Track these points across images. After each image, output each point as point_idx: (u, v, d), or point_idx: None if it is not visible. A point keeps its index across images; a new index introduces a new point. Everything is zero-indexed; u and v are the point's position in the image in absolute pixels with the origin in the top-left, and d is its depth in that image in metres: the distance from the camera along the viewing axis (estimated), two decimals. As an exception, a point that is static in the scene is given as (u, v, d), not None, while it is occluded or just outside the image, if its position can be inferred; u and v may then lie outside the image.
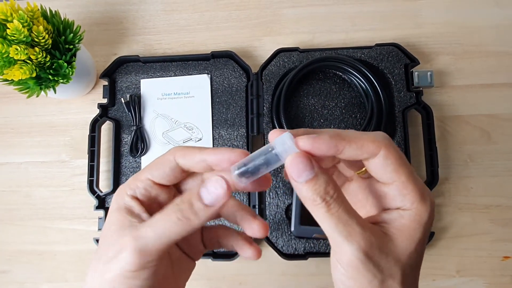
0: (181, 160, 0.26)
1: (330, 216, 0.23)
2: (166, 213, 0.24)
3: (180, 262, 0.30)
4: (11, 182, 0.61)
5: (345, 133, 0.24)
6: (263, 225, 0.28)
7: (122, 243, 0.24)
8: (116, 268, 0.24)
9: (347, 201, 0.24)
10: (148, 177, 0.27)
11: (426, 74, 0.56)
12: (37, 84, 0.52)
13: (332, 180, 0.23)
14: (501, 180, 0.56)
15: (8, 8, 0.47)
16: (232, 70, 0.59)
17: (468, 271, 0.54)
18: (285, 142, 0.24)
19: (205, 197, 0.24)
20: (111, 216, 0.26)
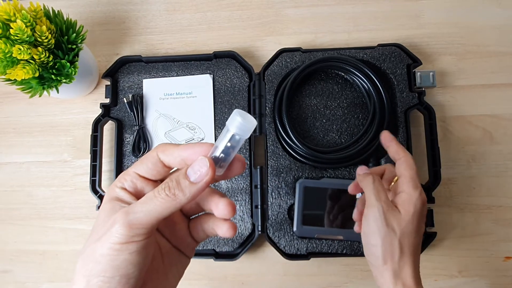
0: (162, 155, 0.28)
1: (374, 187, 0.40)
2: (156, 191, 0.26)
3: (171, 255, 0.31)
4: (13, 181, 0.61)
5: (390, 138, 0.44)
6: (228, 203, 0.29)
7: (113, 220, 0.26)
8: (107, 242, 0.26)
9: (383, 185, 0.41)
10: (134, 171, 0.29)
11: (429, 75, 0.56)
12: (40, 83, 0.52)
13: (378, 178, 0.41)
14: (504, 181, 0.56)
15: (12, 8, 0.47)
16: (234, 70, 0.59)
17: (470, 271, 0.54)
18: (235, 119, 0.26)
19: (191, 175, 0.26)
20: (103, 206, 0.28)
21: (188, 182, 0.26)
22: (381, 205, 0.38)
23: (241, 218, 0.55)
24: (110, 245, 0.26)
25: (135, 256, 0.26)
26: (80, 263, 0.27)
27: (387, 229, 0.38)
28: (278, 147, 0.56)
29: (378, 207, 0.38)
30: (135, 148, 0.58)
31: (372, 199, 0.39)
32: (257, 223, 0.54)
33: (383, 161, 0.54)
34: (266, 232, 0.54)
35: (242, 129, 0.26)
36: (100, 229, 0.27)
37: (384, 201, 0.39)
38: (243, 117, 0.26)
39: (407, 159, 0.41)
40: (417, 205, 0.38)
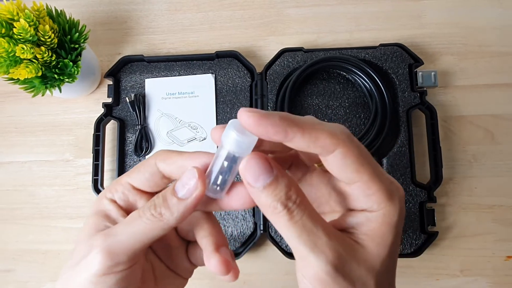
0: (162, 164, 0.24)
1: (293, 225, 0.20)
2: (140, 209, 0.23)
3: (166, 277, 0.28)
4: (15, 181, 0.61)
5: (299, 120, 0.20)
6: (222, 261, 0.23)
7: (91, 243, 0.23)
8: (83, 271, 0.22)
9: (311, 205, 0.21)
10: (128, 181, 0.25)
11: (430, 74, 0.56)
12: (43, 83, 0.52)
13: (294, 182, 0.21)
14: (505, 180, 0.56)
15: (15, 7, 0.47)
16: (236, 70, 0.60)
17: (471, 270, 0.54)
18: (229, 135, 0.20)
19: (179, 190, 0.22)
20: (88, 220, 0.25)
21: (175, 199, 0.22)
22: (327, 259, 0.20)
23: (243, 217, 0.55)
24: (87, 277, 0.22)
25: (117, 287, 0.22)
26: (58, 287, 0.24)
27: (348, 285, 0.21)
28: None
29: (318, 263, 0.20)
30: (137, 148, 0.58)
31: (302, 250, 0.20)
32: (259, 222, 0.55)
33: (385, 160, 0.55)
34: (268, 231, 0.54)
35: (239, 146, 0.21)
36: (79, 251, 0.23)
37: (327, 244, 0.20)
38: (239, 132, 0.20)
39: (347, 145, 0.20)
40: (398, 226, 0.22)
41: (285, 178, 0.20)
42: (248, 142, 0.21)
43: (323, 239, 0.20)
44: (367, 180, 0.21)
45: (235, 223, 0.55)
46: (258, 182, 0.20)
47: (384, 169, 0.54)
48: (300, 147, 0.20)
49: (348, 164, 0.20)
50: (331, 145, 0.20)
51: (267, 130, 0.19)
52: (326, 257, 0.20)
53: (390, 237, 0.21)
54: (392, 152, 0.55)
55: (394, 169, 0.54)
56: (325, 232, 0.20)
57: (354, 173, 0.21)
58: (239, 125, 0.20)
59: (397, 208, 0.21)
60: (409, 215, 0.53)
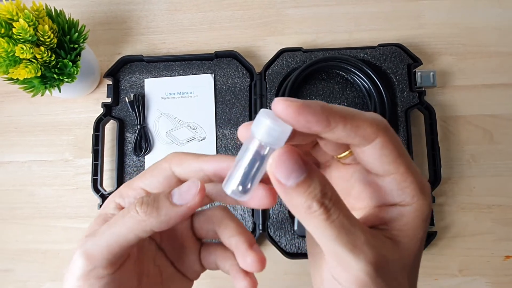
0: (177, 168, 0.23)
1: (330, 225, 0.18)
2: (127, 207, 0.22)
3: (173, 280, 0.27)
4: (15, 181, 0.61)
5: (339, 108, 0.19)
6: (258, 258, 0.23)
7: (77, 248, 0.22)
8: (69, 276, 0.22)
9: (344, 203, 0.19)
10: (141, 186, 0.24)
11: (429, 74, 0.56)
12: (42, 83, 0.52)
13: (326, 178, 0.19)
14: (504, 180, 0.56)
15: (14, 7, 0.47)
16: (235, 70, 0.60)
17: (470, 270, 0.54)
18: (262, 123, 0.18)
19: (174, 195, 0.21)
20: (91, 223, 0.24)
21: (168, 203, 0.21)
22: (367, 259, 0.19)
23: (242, 217, 0.55)
24: (71, 282, 0.22)
25: None
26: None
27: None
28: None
29: (359, 265, 0.19)
30: (137, 147, 0.58)
31: (339, 252, 0.19)
32: (258, 222, 0.55)
33: (384, 161, 0.55)
34: (267, 231, 0.54)
35: (273, 136, 0.18)
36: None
37: (367, 244, 0.19)
38: (273, 120, 0.18)
39: (388, 134, 0.19)
40: (428, 220, 0.21)
41: (319, 174, 0.18)
42: (283, 131, 0.18)
43: (362, 238, 0.19)
44: (404, 172, 0.20)
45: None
46: (290, 179, 0.18)
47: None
48: (339, 138, 0.19)
49: (386, 155, 0.19)
50: (372, 134, 0.19)
51: (308, 120, 0.18)
52: (367, 257, 0.19)
53: (421, 231, 0.21)
54: (391, 152, 0.55)
55: (393, 169, 0.54)
56: (363, 230, 0.19)
57: (391, 164, 0.20)
58: (272, 114, 0.18)
59: (428, 202, 0.20)
60: (408, 215, 0.53)
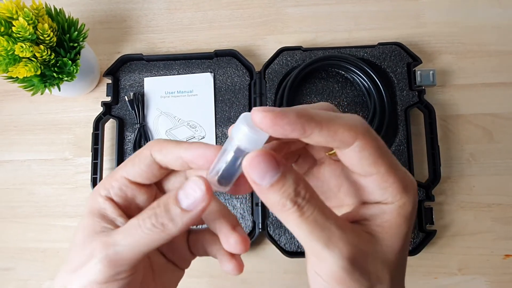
0: (158, 155, 0.23)
1: (304, 221, 0.19)
2: (140, 218, 0.22)
3: (165, 271, 0.27)
4: (15, 179, 0.61)
5: (316, 114, 0.20)
6: (241, 239, 0.23)
7: (91, 250, 0.22)
8: (83, 278, 0.22)
9: (321, 200, 0.20)
10: (123, 175, 0.23)
11: (429, 73, 0.56)
12: (42, 81, 0.52)
13: (301, 177, 0.20)
14: (503, 179, 0.56)
15: (14, 5, 0.47)
16: (235, 69, 0.60)
17: (470, 269, 0.54)
18: (241, 129, 0.20)
19: (182, 200, 0.21)
20: (83, 221, 0.23)
21: (179, 210, 0.21)
22: (342, 254, 0.20)
23: (242, 215, 0.55)
24: (87, 284, 0.22)
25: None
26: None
27: (363, 283, 0.20)
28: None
29: (334, 259, 0.20)
30: (136, 146, 0.58)
31: (315, 247, 0.20)
32: (257, 220, 0.55)
33: (383, 159, 0.55)
34: (267, 229, 0.54)
35: (250, 141, 0.20)
36: (76, 256, 0.23)
37: (341, 238, 0.20)
38: (251, 127, 0.19)
39: (366, 138, 0.20)
40: (411, 218, 0.21)
41: (292, 174, 0.19)
42: (259, 139, 0.20)
43: (337, 233, 0.19)
44: (384, 172, 0.20)
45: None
46: (265, 180, 0.19)
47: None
48: (317, 142, 0.20)
49: (366, 157, 0.20)
50: (349, 138, 0.20)
51: (284, 129, 0.19)
52: (341, 251, 0.19)
53: (405, 228, 0.21)
54: (391, 150, 0.54)
55: (392, 168, 0.54)
56: (338, 226, 0.20)
57: (371, 166, 0.20)
58: (251, 120, 0.19)
59: (412, 199, 0.21)
60: (407, 213, 0.53)
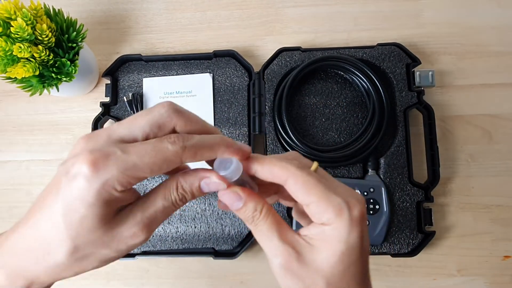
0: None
1: (257, 233, 0.27)
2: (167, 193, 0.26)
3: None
4: (13, 180, 0.61)
5: (263, 157, 0.27)
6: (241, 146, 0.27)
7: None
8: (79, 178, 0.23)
9: (273, 218, 0.27)
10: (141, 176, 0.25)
11: (428, 74, 0.56)
12: (40, 82, 0.52)
13: (261, 201, 0.27)
14: (502, 180, 0.56)
15: (12, 6, 0.47)
16: (234, 69, 0.60)
17: (469, 270, 0.54)
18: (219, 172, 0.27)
19: (204, 188, 0.26)
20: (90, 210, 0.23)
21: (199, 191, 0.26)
22: (277, 260, 0.26)
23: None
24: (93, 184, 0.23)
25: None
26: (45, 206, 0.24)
27: (298, 283, 0.26)
28: (277, 146, 0.56)
29: (273, 263, 0.26)
30: (135, 147, 0.58)
31: (264, 249, 0.27)
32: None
33: (382, 160, 0.55)
34: (266, 230, 0.54)
35: (230, 175, 0.26)
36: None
37: (278, 248, 0.26)
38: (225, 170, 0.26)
39: (295, 174, 0.26)
40: (350, 240, 0.25)
41: (253, 202, 0.27)
42: (229, 178, 0.27)
43: (277, 244, 0.26)
44: (316, 200, 0.26)
45: (232, 222, 0.55)
46: (233, 206, 0.27)
47: (381, 168, 0.54)
48: (266, 178, 0.27)
49: (297, 189, 0.26)
50: (283, 176, 0.26)
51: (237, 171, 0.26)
52: (277, 259, 0.26)
53: (340, 247, 0.25)
54: (390, 151, 0.55)
55: (391, 169, 0.54)
56: (281, 238, 0.26)
57: (305, 197, 0.26)
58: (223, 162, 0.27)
59: (346, 222, 0.25)
60: (406, 214, 0.53)
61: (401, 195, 0.54)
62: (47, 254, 0.24)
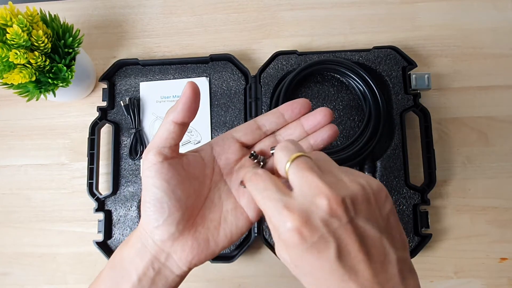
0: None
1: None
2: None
3: (233, 215, 0.33)
4: (11, 184, 0.61)
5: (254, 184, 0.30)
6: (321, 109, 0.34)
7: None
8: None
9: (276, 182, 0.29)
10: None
11: (424, 77, 0.56)
12: (37, 87, 0.52)
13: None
14: (499, 182, 0.56)
15: (8, 12, 0.47)
16: (230, 73, 0.60)
17: (465, 272, 0.54)
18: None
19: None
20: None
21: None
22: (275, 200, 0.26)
23: (238, 220, 0.55)
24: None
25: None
26: None
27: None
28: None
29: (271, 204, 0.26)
30: (132, 151, 0.58)
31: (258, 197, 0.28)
32: (253, 225, 0.55)
33: (379, 163, 0.55)
34: (263, 234, 0.54)
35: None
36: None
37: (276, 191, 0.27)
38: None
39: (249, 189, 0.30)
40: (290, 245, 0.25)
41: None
42: None
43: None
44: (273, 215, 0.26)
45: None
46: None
47: (378, 171, 0.54)
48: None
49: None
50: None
51: None
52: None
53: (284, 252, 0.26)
54: (386, 154, 0.55)
55: (387, 172, 0.54)
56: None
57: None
58: None
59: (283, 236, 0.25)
60: (402, 217, 0.53)
61: (398, 198, 0.54)
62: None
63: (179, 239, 0.31)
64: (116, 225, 0.57)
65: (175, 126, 0.31)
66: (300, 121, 0.34)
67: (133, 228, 0.57)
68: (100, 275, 0.33)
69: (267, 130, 0.35)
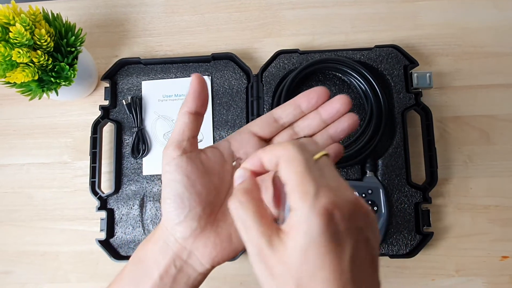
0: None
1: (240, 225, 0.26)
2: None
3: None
4: (13, 183, 0.61)
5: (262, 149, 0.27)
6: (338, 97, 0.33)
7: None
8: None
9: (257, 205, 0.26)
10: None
11: (425, 75, 0.56)
12: (39, 86, 0.52)
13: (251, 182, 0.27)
14: (500, 181, 0.56)
15: (11, 11, 0.48)
16: (232, 72, 0.60)
17: (467, 270, 0.54)
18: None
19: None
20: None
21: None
22: (253, 253, 0.25)
23: (240, 218, 0.56)
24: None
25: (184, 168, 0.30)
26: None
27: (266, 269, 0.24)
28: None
29: (250, 249, 0.25)
30: (134, 150, 0.58)
31: (241, 233, 0.25)
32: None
33: (380, 161, 0.55)
34: (265, 232, 0.54)
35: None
36: None
37: (257, 233, 0.24)
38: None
39: (287, 149, 0.25)
40: (311, 228, 0.22)
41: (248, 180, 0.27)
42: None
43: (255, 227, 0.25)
44: (293, 180, 0.24)
45: (232, 224, 0.55)
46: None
47: (379, 170, 0.55)
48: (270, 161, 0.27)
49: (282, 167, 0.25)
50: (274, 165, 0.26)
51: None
52: (253, 247, 0.25)
53: (301, 236, 0.22)
54: (388, 153, 0.55)
55: (389, 170, 0.54)
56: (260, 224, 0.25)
57: (285, 172, 0.24)
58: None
59: (307, 207, 0.22)
60: (404, 216, 0.54)
61: (399, 196, 0.54)
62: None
63: (200, 235, 0.31)
64: (118, 223, 0.57)
65: (189, 117, 0.31)
66: (318, 111, 0.33)
67: (135, 226, 0.57)
68: (123, 271, 0.33)
69: (285, 123, 0.34)
